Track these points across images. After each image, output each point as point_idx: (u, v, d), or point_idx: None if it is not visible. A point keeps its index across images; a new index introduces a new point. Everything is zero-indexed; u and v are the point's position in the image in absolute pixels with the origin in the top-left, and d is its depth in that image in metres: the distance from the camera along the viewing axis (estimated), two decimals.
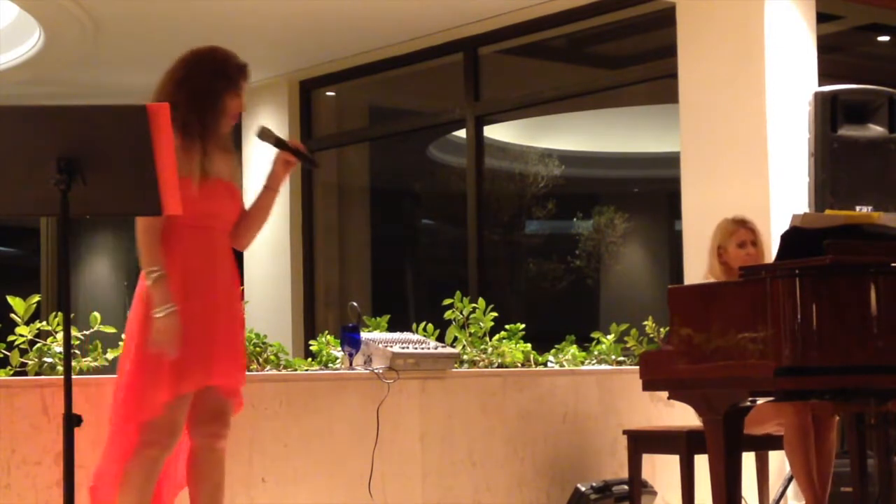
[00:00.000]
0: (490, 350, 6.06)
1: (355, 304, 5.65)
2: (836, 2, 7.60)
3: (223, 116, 4.19)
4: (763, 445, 5.49)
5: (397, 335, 5.60)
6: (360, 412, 5.26)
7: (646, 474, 5.74)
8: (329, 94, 10.32)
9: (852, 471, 5.23)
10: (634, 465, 5.53)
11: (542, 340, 6.63)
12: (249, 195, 4.37)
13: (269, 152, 4.30)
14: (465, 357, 5.97)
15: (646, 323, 6.42)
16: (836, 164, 6.42)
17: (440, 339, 5.91)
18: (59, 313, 4.53)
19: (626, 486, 5.67)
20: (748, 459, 5.10)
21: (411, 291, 11.17)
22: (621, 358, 6.48)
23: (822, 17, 7.16)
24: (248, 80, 4.26)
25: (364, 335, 5.44)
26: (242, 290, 4.45)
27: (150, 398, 4.02)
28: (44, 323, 4.83)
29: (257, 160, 10.19)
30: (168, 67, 4.21)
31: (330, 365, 5.63)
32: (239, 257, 11.79)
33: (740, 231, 5.46)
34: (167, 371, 4.02)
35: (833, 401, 5.00)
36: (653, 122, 10.40)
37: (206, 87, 4.13)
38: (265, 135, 4.30)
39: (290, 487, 5.06)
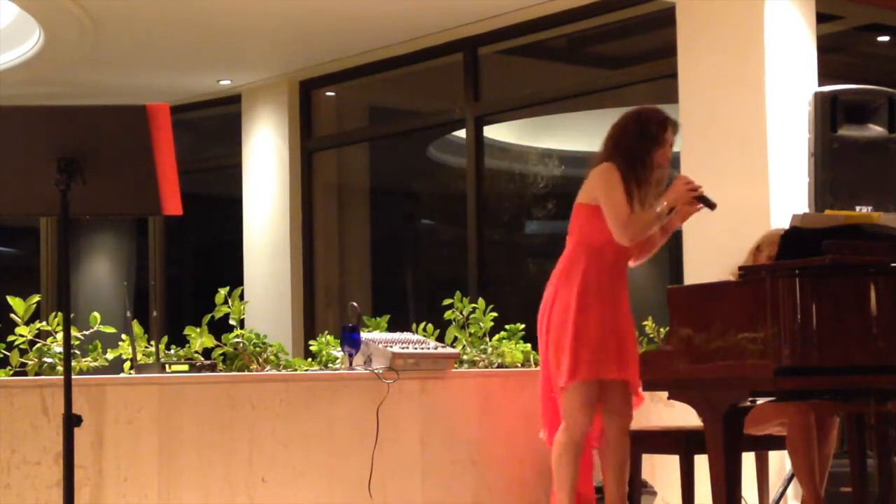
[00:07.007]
0: (490, 350, 6.05)
1: (355, 304, 5.64)
2: (836, 2, 7.59)
3: (651, 169, 4.97)
4: (763, 445, 5.49)
5: (397, 335, 5.60)
6: (360, 412, 5.26)
7: (646, 474, 5.74)
8: (329, 94, 10.31)
9: (852, 471, 5.23)
10: (634, 465, 5.52)
11: None
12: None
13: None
14: (465, 357, 5.97)
15: (646, 323, 6.41)
16: (836, 164, 6.41)
17: (440, 339, 5.90)
18: (59, 313, 4.53)
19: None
20: (748, 459, 5.10)
21: (411, 291, 11.15)
22: None
23: (822, 17, 7.15)
24: (676, 130, 5.03)
25: (364, 335, 5.44)
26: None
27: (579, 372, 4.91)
28: (44, 323, 4.83)
29: (255, 161, 10.20)
30: (610, 131, 5.09)
31: (330, 365, 5.63)
32: (239, 257, 11.73)
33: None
34: (591, 357, 4.90)
35: (833, 401, 5.01)
36: None
37: (634, 146, 4.97)
38: (705, 201, 4.95)
39: (290, 487, 5.06)
